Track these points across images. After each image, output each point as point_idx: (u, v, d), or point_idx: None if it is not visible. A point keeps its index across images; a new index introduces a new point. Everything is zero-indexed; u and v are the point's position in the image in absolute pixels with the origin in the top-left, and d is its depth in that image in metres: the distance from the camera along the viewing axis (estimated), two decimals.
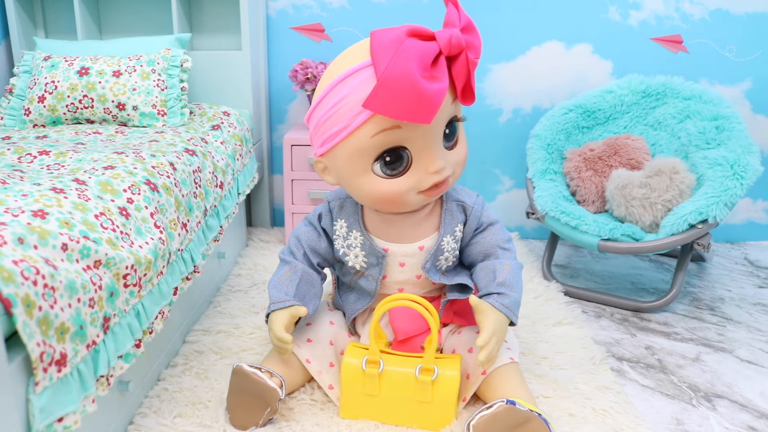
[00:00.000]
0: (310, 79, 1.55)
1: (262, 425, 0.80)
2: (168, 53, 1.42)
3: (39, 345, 0.54)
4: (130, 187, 0.84)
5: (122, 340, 0.72)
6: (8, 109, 1.39)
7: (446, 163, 0.75)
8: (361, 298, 0.92)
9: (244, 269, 1.42)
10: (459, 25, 0.68)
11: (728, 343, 1.12)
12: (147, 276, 0.79)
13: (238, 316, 1.15)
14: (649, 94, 1.45)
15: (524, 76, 1.66)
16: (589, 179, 1.37)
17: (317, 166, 0.80)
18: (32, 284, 0.54)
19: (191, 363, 0.98)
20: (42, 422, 0.54)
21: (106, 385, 0.67)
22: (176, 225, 0.93)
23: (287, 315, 0.83)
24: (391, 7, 1.63)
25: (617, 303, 1.27)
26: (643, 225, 1.26)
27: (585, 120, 1.47)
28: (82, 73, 1.35)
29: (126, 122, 1.36)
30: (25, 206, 0.65)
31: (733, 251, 1.65)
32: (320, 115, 0.73)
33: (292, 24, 1.67)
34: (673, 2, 1.57)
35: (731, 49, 1.59)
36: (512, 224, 1.78)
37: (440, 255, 0.87)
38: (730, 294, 1.35)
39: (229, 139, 1.35)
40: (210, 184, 1.13)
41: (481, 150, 1.72)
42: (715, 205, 1.15)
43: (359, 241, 0.86)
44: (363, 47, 0.70)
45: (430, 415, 0.81)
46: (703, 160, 1.25)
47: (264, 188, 1.75)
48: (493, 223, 0.90)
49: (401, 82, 0.63)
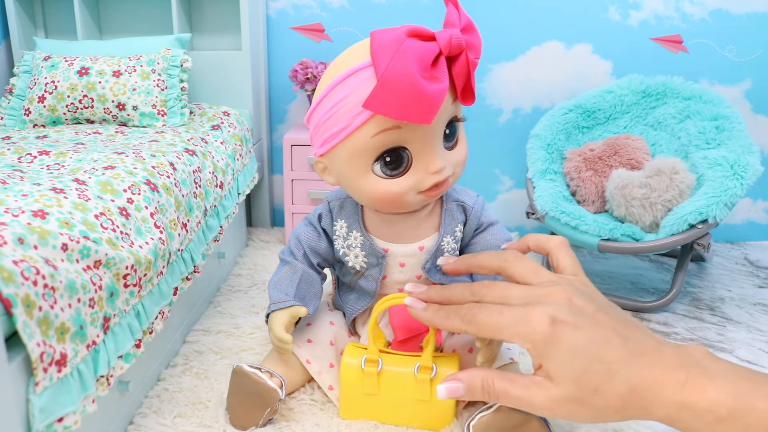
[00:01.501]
0: (310, 79, 1.55)
1: (262, 425, 0.80)
2: (168, 53, 1.42)
3: (39, 345, 0.54)
4: (130, 187, 0.84)
5: (122, 340, 0.72)
6: (8, 109, 1.39)
7: (446, 163, 0.75)
8: (361, 299, 0.92)
9: (244, 269, 1.42)
10: (459, 26, 0.68)
11: (728, 343, 1.12)
12: (147, 276, 0.79)
13: (238, 316, 1.15)
14: (649, 94, 1.45)
15: (524, 76, 1.66)
16: (589, 179, 1.37)
17: (317, 166, 0.80)
18: (32, 284, 0.54)
19: (191, 363, 0.98)
20: (42, 422, 0.54)
21: (106, 385, 0.67)
22: (176, 225, 0.93)
23: (287, 315, 0.83)
24: (391, 7, 1.63)
25: (617, 303, 1.27)
26: (643, 225, 1.26)
27: (585, 120, 1.47)
28: (82, 73, 1.35)
29: (126, 122, 1.36)
30: (25, 206, 0.65)
31: (733, 251, 1.65)
32: (320, 116, 0.73)
33: (292, 24, 1.67)
34: (673, 2, 1.57)
35: (731, 49, 1.59)
36: (512, 224, 1.78)
37: (440, 255, 0.87)
38: (730, 294, 1.35)
39: (229, 139, 1.35)
40: (210, 184, 1.13)
41: (481, 150, 1.72)
42: (715, 205, 1.15)
43: (359, 242, 0.86)
44: (363, 47, 0.70)
45: (429, 415, 0.81)
46: (703, 160, 1.25)
47: (264, 188, 1.75)
48: (494, 223, 0.90)
49: (401, 82, 0.63)
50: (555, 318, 0.59)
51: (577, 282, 0.67)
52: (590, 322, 0.59)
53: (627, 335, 0.59)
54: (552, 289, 0.63)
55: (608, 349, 0.57)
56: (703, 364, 0.56)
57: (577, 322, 0.59)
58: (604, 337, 0.58)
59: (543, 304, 0.61)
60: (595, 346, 0.58)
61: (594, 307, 0.61)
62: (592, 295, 0.65)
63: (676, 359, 0.56)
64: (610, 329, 0.59)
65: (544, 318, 0.59)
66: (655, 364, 0.56)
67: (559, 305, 0.61)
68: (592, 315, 0.60)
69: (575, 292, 0.63)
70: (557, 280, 0.66)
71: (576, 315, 0.60)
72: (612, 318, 0.61)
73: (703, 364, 0.56)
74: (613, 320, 0.61)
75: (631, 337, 0.59)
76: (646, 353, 0.57)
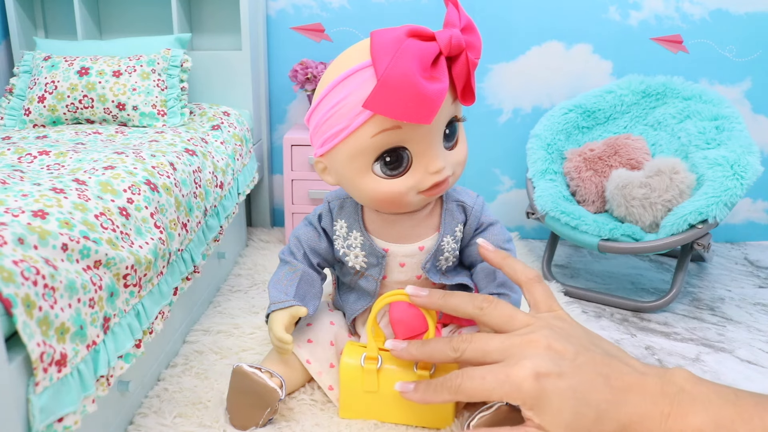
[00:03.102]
0: (310, 79, 1.55)
1: (262, 425, 0.80)
2: (168, 53, 1.42)
3: (39, 345, 0.54)
4: (130, 187, 0.84)
5: (122, 340, 0.72)
6: (8, 109, 1.39)
7: (446, 163, 0.75)
8: (361, 299, 0.92)
9: (244, 269, 1.42)
10: (459, 26, 0.68)
11: (728, 343, 1.12)
12: (147, 276, 0.79)
13: (238, 316, 1.15)
14: (649, 94, 1.45)
15: (524, 76, 1.66)
16: (589, 179, 1.37)
17: (317, 166, 0.80)
18: (32, 284, 0.54)
19: (191, 363, 0.98)
20: (42, 422, 0.54)
21: (106, 385, 0.67)
22: (176, 225, 0.93)
23: (287, 315, 0.83)
24: (391, 7, 1.63)
25: (617, 303, 1.28)
26: (643, 225, 1.26)
27: (585, 120, 1.47)
28: (82, 73, 1.35)
29: (126, 122, 1.36)
30: (25, 206, 0.65)
31: (733, 251, 1.65)
32: (320, 116, 0.73)
33: (292, 24, 1.67)
34: (673, 2, 1.57)
35: (731, 49, 1.59)
36: (512, 224, 1.78)
37: (440, 255, 0.87)
38: (730, 294, 1.35)
39: (229, 139, 1.35)
40: (210, 184, 1.13)
41: (481, 150, 1.72)
42: (715, 205, 1.15)
43: (359, 242, 0.86)
44: (363, 47, 0.70)
45: (429, 413, 0.81)
46: (703, 160, 1.25)
47: (264, 188, 1.75)
48: (493, 223, 0.90)
49: (401, 82, 0.63)
50: (538, 372, 0.60)
51: (553, 319, 0.67)
52: (572, 367, 0.61)
53: (608, 372, 0.60)
54: (529, 337, 0.64)
55: (594, 391, 0.59)
56: (686, 389, 0.57)
57: (560, 370, 0.60)
58: (588, 379, 0.60)
59: (523, 358, 0.62)
60: (581, 391, 0.59)
61: (573, 349, 0.62)
62: (569, 331, 0.65)
63: (658, 389, 0.58)
64: (591, 370, 0.60)
65: (527, 374, 0.60)
66: (639, 399, 0.58)
67: (539, 356, 0.62)
68: (572, 359, 0.62)
69: (552, 336, 0.64)
70: (533, 325, 0.66)
71: (557, 362, 0.61)
72: (592, 356, 0.62)
73: (686, 389, 0.57)
74: (593, 358, 0.62)
75: (613, 373, 0.60)
76: (630, 388, 0.59)
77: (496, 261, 0.77)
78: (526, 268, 0.73)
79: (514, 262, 0.75)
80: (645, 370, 0.61)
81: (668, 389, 0.58)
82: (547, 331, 0.64)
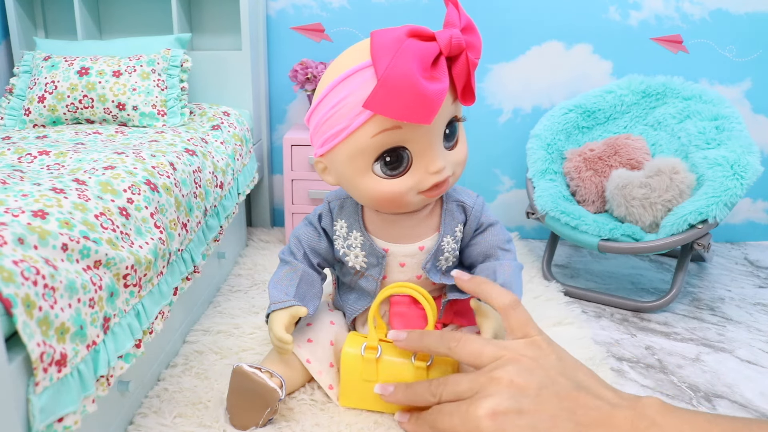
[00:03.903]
0: (310, 79, 1.55)
1: (262, 425, 0.80)
2: (168, 53, 1.42)
3: (39, 345, 0.54)
4: (130, 187, 0.84)
5: (122, 340, 0.72)
6: (8, 109, 1.39)
7: (446, 163, 0.75)
8: (361, 299, 0.92)
9: (244, 269, 1.42)
10: (459, 26, 0.68)
11: (728, 343, 1.12)
12: (147, 276, 0.79)
13: (238, 316, 1.15)
14: (649, 94, 1.45)
15: (524, 76, 1.66)
16: (589, 179, 1.37)
17: (317, 166, 0.80)
18: (32, 284, 0.54)
19: (191, 363, 0.98)
20: (42, 422, 0.54)
21: (106, 385, 0.67)
22: (176, 225, 0.93)
23: (287, 315, 0.83)
24: (391, 7, 1.63)
25: (617, 303, 1.28)
26: (643, 225, 1.26)
27: (585, 120, 1.47)
28: (82, 73, 1.35)
29: (126, 122, 1.36)
30: (25, 206, 0.65)
31: (733, 251, 1.65)
32: (320, 116, 0.73)
33: (292, 24, 1.67)
34: (673, 2, 1.57)
35: (731, 49, 1.59)
36: (512, 224, 1.78)
37: (440, 255, 0.87)
38: (730, 294, 1.35)
39: (229, 139, 1.35)
40: (210, 184, 1.13)
41: (481, 150, 1.72)
42: (715, 205, 1.15)
43: (359, 242, 0.86)
44: (363, 47, 0.70)
45: None
46: (703, 160, 1.25)
47: (264, 188, 1.75)
48: (493, 223, 0.90)
49: (401, 82, 0.63)
50: (495, 411, 0.61)
51: (524, 348, 0.67)
52: (534, 402, 0.60)
53: (573, 407, 0.59)
54: (493, 374, 0.64)
55: (556, 428, 0.58)
56: (657, 422, 0.56)
57: (520, 407, 0.60)
58: (551, 415, 0.59)
59: (484, 396, 0.63)
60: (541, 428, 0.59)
61: (537, 383, 0.62)
62: (539, 362, 0.65)
63: (628, 424, 0.57)
64: (555, 405, 0.60)
65: (485, 414, 0.61)
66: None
67: (500, 394, 0.62)
68: (535, 394, 0.61)
69: (516, 371, 0.63)
70: (500, 360, 0.66)
71: (518, 399, 0.61)
72: (558, 389, 0.61)
73: (658, 422, 0.56)
74: (557, 393, 0.61)
75: (579, 408, 0.59)
76: (597, 423, 0.58)
77: (471, 289, 0.77)
78: (501, 294, 0.73)
79: (491, 288, 0.75)
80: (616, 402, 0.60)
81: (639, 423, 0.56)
82: (512, 366, 0.64)
